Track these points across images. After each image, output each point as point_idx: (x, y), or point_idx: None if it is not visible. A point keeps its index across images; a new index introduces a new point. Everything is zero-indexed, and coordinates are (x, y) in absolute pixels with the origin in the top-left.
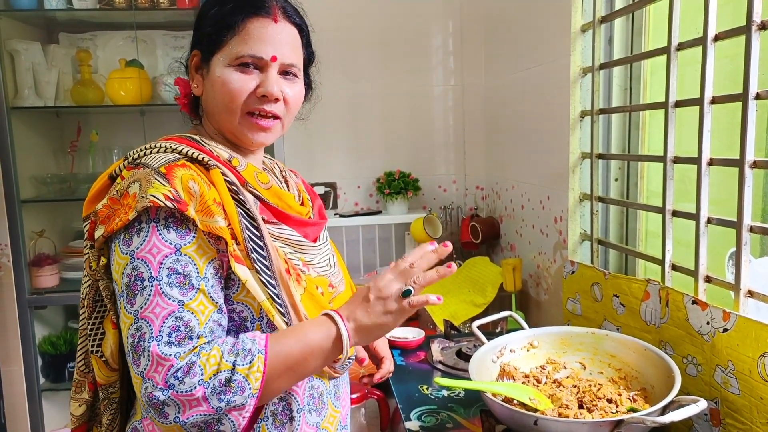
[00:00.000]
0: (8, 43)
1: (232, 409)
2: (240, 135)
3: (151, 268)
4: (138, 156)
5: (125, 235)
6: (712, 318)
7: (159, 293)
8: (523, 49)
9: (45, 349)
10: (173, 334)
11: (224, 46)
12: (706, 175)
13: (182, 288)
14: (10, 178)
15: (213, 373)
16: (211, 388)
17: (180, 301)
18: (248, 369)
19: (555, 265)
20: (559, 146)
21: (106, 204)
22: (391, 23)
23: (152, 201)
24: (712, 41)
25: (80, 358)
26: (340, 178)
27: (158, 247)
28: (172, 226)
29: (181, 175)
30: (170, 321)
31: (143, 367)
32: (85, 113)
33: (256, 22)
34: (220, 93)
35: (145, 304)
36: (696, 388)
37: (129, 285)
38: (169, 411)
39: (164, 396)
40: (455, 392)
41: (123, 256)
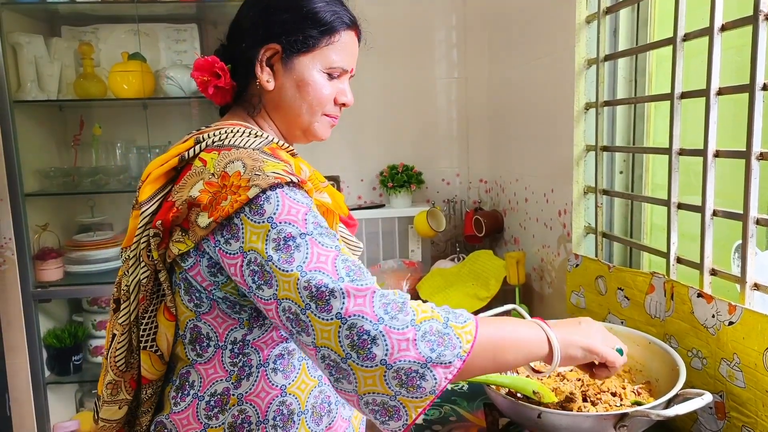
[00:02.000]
0: (11, 36)
1: (440, 364)
2: (311, 131)
3: (298, 227)
4: (219, 139)
5: (251, 208)
6: (717, 311)
7: (316, 244)
8: (527, 41)
9: (50, 342)
10: (351, 272)
11: (317, 49)
12: (712, 167)
13: (330, 237)
14: (14, 172)
15: (425, 318)
16: (422, 332)
17: (336, 246)
18: (462, 328)
19: (559, 259)
20: (563, 139)
21: (203, 189)
22: (394, 16)
23: (278, 177)
24: (719, 31)
25: (120, 356)
26: (344, 171)
27: (296, 207)
28: (296, 189)
29: (285, 155)
30: (341, 263)
31: (340, 307)
32: (87, 107)
33: (348, 33)
34: (310, 95)
35: (307, 257)
36: (701, 381)
37: (279, 248)
38: (377, 351)
39: (375, 330)
40: (459, 385)
41: (259, 225)
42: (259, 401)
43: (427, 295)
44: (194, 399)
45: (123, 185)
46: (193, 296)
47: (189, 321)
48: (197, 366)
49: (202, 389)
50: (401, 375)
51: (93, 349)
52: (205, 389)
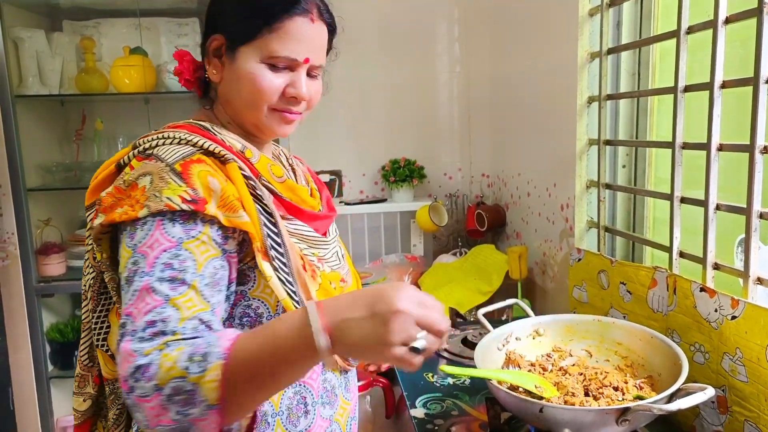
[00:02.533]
0: (12, 30)
1: (196, 420)
2: (264, 127)
3: (146, 263)
4: (150, 146)
5: (131, 228)
6: (720, 305)
7: (147, 289)
8: (529, 35)
9: (53, 336)
10: (148, 329)
11: (258, 39)
12: (715, 160)
13: (173, 282)
14: (16, 167)
15: (167, 378)
16: (166, 396)
17: (166, 296)
18: (201, 377)
19: (561, 253)
20: (565, 133)
21: (110, 192)
22: (395, 10)
23: (168, 205)
24: (723, 24)
25: (84, 352)
26: (345, 166)
27: (159, 242)
28: (179, 220)
29: (198, 171)
30: (149, 316)
31: (117, 366)
32: (89, 101)
33: (297, 20)
34: (248, 88)
35: (131, 300)
36: (703, 375)
37: (127, 279)
38: (139, 416)
39: (130, 400)
40: (460, 380)
41: (128, 249)
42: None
43: (430, 290)
44: None
45: None
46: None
47: None
48: None
49: None
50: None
51: None
52: None
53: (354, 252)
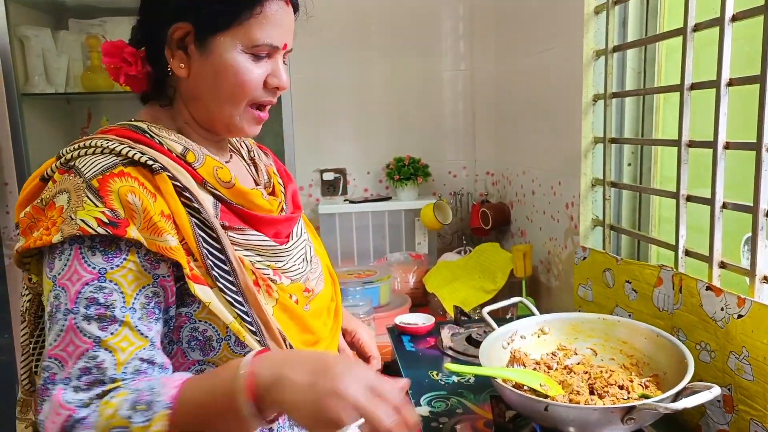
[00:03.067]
0: (18, 29)
1: None
2: (233, 127)
3: (68, 299)
4: (71, 156)
5: (49, 256)
6: (726, 304)
7: (73, 329)
8: (534, 32)
9: None
10: (83, 377)
11: (237, 26)
12: (722, 159)
13: (102, 321)
14: (22, 165)
15: (107, 428)
16: None
17: (96, 338)
18: (145, 428)
19: (566, 251)
20: (571, 131)
21: (28, 213)
22: (400, 7)
23: (81, 229)
24: (730, 21)
25: (24, 377)
26: (350, 164)
27: (79, 273)
28: (98, 247)
29: (118, 188)
30: (82, 362)
31: (43, 416)
32: (95, 99)
33: (274, 4)
34: (230, 81)
35: (56, 341)
36: (709, 374)
37: (50, 314)
38: None
39: None
40: (465, 378)
41: (48, 281)
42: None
43: (434, 288)
44: None
45: None
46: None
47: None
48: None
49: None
50: None
51: None
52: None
53: (358, 250)
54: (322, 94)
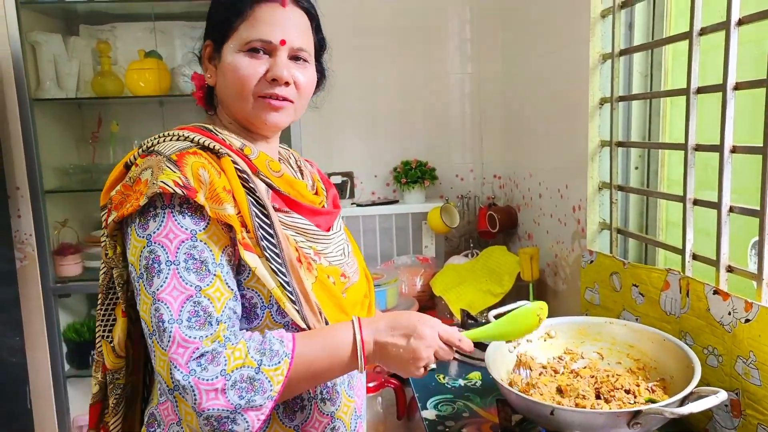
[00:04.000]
0: (30, 35)
1: (250, 408)
2: (254, 119)
3: (168, 252)
4: (152, 144)
5: (140, 220)
6: (733, 308)
7: (176, 276)
8: (541, 36)
9: (69, 336)
10: (193, 319)
11: (234, 32)
12: (728, 162)
13: (199, 274)
14: (34, 169)
15: (237, 366)
16: (232, 381)
17: (197, 286)
18: (273, 371)
19: (573, 255)
20: (577, 134)
21: (119, 191)
22: (406, 10)
23: (162, 187)
24: (736, 25)
25: (98, 341)
26: (357, 167)
27: (174, 233)
28: (187, 212)
29: (192, 162)
30: (188, 306)
31: (165, 346)
32: (105, 104)
33: (264, 7)
34: (232, 80)
35: (162, 286)
36: (716, 379)
37: (147, 267)
38: (187, 398)
39: (184, 380)
40: (472, 381)
41: (139, 239)
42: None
43: (441, 291)
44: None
45: None
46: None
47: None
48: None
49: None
50: (212, 422)
51: None
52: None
53: (366, 253)
54: (329, 97)
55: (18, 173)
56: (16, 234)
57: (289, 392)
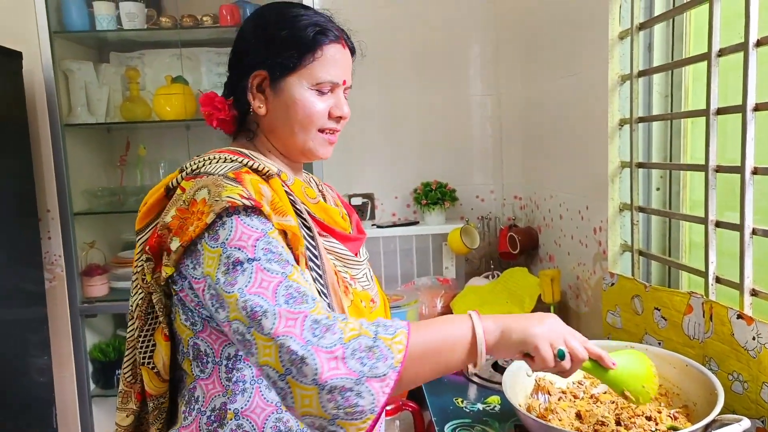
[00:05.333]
0: (63, 63)
1: (373, 378)
2: (309, 151)
3: (246, 252)
4: (197, 167)
5: (209, 234)
6: (758, 333)
7: (261, 270)
8: (560, 58)
9: (95, 356)
10: (290, 300)
11: (303, 69)
12: (750, 184)
13: (280, 263)
14: (64, 192)
15: (353, 336)
16: (351, 349)
17: (282, 273)
18: (391, 339)
19: (594, 277)
20: (597, 155)
21: (175, 215)
22: (427, 34)
23: (230, 201)
24: (754, 47)
25: (127, 369)
26: (378, 188)
27: (247, 234)
28: (253, 215)
29: (250, 179)
30: (281, 290)
31: (270, 327)
32: (133, 129)
33: (332, 47)
34: (300, 114)
35: (249, 282)
36: (742, 406)
37: (227, 271)
38: (307, 370)
39: (303, 350)
40: (491, 406)
41: (213, 249)
42: (255, 417)
43: (461, 313)
44: (198, 414)
45: None
46: (188, 315)
47: (189, 339)
48: (200, 381)
49: (204, 404)
50: (336, 395)
51: None
52: (206, 404)
53: (386, 274)
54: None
55: (49, 196)
56: (46, 255)
57: (411, 370)
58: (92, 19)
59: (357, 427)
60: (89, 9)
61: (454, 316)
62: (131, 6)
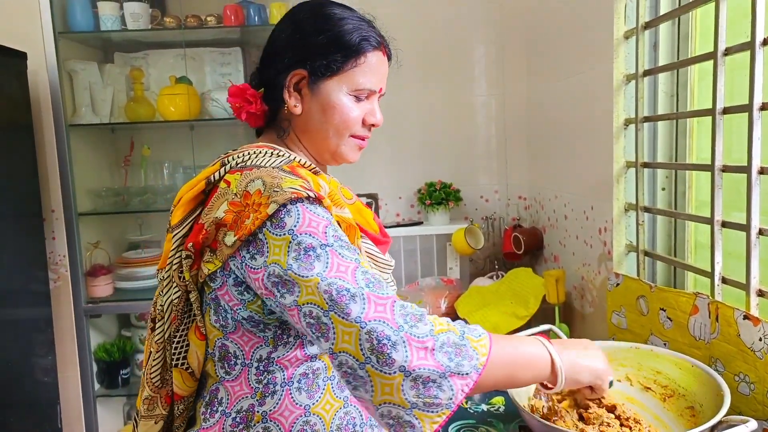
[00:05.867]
0: (67, 63)
1: (457, 375)
2: (339, 155)
3: (318, 238)
4: (242, 160)
5: (272, 223)
6: (764, 334)
7: (336, 255)
8: (565, 57)
9: (99, 356)
10: (371, 284)
11: (343, 73)
12: (756, 184)
13: (351, 251)
14: (69, 193)
15: (443, 330)
16: (440, 342)
17: (356, 259)
18: (477, 341)
19: (600, 277)
20: (602, 155)
21: (228, 210)
22: (432, 34)
23: (294, 192)
24: (761, 45)
25: (155, 373)
26: (382, 189)
27: (316, 221)
28: (316, 204)
29: (305, 173)
30: (359, 275)
31: (360, 311)
32: (137, 129)
33: (374, 55)
34: (337, 118)
35: (327, 266)
36: (749, 407)
37: (299, 258)
38: (396, 356)
39: (396, 336)
40: (495, 407)
41: (280, 238)
42: (283, 420)
43: (465, 313)
44: (222, 415)
45: (170, 204)
46: (220, 316)
47: (217, 340)
48: (225, 383)
49: (229, 406)
50: (419, 384)
51: (140, 363)
52: (232, 406)
53: None
54: None
55: (53, 196)
56: (50, 255)
57: (490, 375)
58: (97, 19)
59: (432, 420)
60: (93, 9)
61: (524, 337)
62: (135, 6)
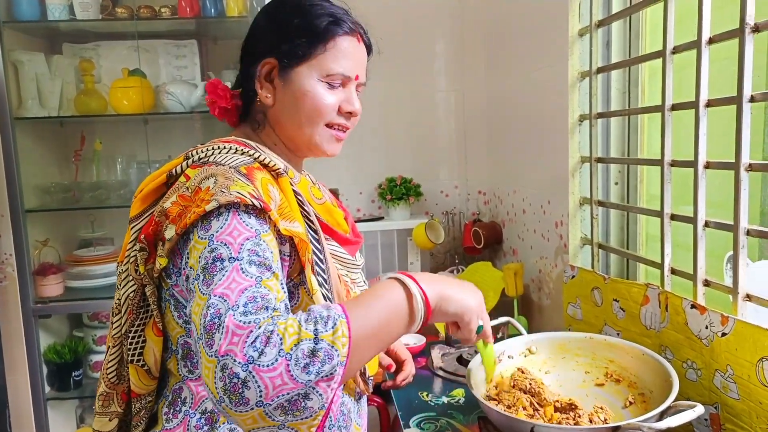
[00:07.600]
0: (12, 54)
1: (320, 380)
2: (315, 146)
3: (231, 249)
4: (205, 155)
5: (203, 222)
6: (710, 322)
7: (237, 270)
8: (522, 54)
9: (50, 357)
10: (249, 304)
11: (313, 59)
12: (702, 178)
13: (260, 267)
14: (15, 188)
15: (294, 343)
16: (294, 360)
17: (258, 277)
18: (332, 335)
19: (556, 270)
20: (558, 150)
21: (175, 202)
22: (393, 29)
23: (239, 198)
24: (707, 44)
25: (112, 369)
26: (342, 184)
27: (239, 230)
28: (252, 213)
29: (261, 178)
30: (247, 293)
31: (217, 345)
32: (88, 122)
33: (345, 39)
34: (308, 106)
35: (221, 281)
36: (696, 393)
37: (206, 267)
38: (249, 395)
39: (244, 372)
40: (455, 398)
41: (201, 240)
42: None
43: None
44: (185, 416)
45: (123, 200)
46: (181, 312)
47: (180, 337)
48: (189, 382)
49: (193, 406)
50: (284, 405)
51: (93, 364)
52: (196, 406)
53: None
54: None
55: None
56: None
57: (358, 355)
58: (44, 8)
59: (308, 425)
60: None
61: (384, 285)
62: None
